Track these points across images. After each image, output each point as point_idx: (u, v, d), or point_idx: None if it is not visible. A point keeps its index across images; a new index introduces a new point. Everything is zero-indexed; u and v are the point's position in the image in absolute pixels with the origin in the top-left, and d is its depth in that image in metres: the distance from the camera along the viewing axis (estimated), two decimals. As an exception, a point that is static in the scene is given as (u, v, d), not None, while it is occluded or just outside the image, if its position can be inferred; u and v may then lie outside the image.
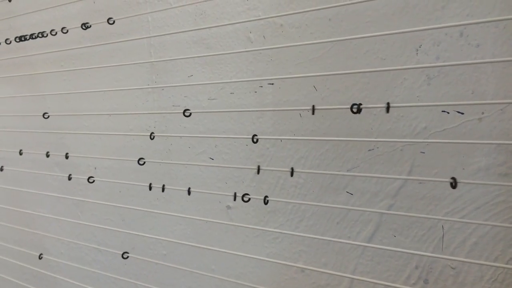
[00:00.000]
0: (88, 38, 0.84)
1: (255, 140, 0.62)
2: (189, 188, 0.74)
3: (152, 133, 0.75)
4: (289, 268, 0.66)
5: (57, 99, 0.91)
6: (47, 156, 0.88)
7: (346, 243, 0.60)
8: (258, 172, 0.64)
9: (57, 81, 0.90)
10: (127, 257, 0.81)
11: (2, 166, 0.98)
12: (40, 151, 0.93)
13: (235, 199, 0.68)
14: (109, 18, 0.77)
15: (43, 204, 0.97)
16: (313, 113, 0.57)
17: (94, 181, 0.83)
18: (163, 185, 0.73)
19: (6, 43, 0.93)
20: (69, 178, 0.83)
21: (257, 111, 0.66)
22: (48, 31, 0.87)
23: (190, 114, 0.67)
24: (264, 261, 0.67)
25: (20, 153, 0.92)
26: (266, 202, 0.65)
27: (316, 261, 0.63)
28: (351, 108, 0.51)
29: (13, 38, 0.95)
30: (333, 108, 0.58)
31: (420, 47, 0.54)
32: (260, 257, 0.67)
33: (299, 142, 0.64)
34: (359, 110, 0.51)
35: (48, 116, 0.88)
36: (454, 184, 0.47)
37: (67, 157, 0.89)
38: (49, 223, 0.96)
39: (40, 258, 0.95)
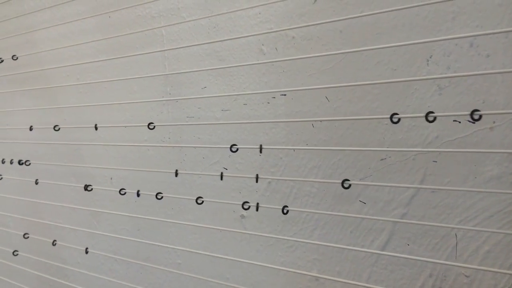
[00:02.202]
0: (103, 52, 0.87)
1: (260, 150, 0.63)
2: (197, 198, 0.76)
3: (163, 141, 0.76)
4: (303, 276, 0.66)
5: (73, 111, 0.93)
6: (65, 166, 0.90)
7: (360, 251, 0.60)
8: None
9: (73, 94, 0.93)
10: (145, 265, 0.82)
11: (19, 177, 1.00)
12: (57, 162, 0.95)
13: (245, 208, 0.69)
14: (123, 34, 0.80)
15: (60, 214, 0.99)
16: (323, 125, 0.58)
17: (109, 191, 0.85)
18: (173, 195, 0.75)
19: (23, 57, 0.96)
20: (86, 189, 0.85)
21: (270, 122, 0.68)
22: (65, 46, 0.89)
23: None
24: (278, 270, 0.68)
25: (36, 164, 0.95)
26: (285, 212, 0.65)
27: (330, 269, 0.64)
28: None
29: (30, 52, 0.98)
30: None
31: (430, 57, 0.55)
32: (274, 265, 0.68)
33: (312, 151, 0.65)
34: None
35: (59, 129, 0.90)
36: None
37: (77, 167, 0.91)
38: (66, 232, 0.98)
39: (52, 264, 0.97)
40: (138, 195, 0.79)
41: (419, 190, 0.57)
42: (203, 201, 0.72)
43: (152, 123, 0.74)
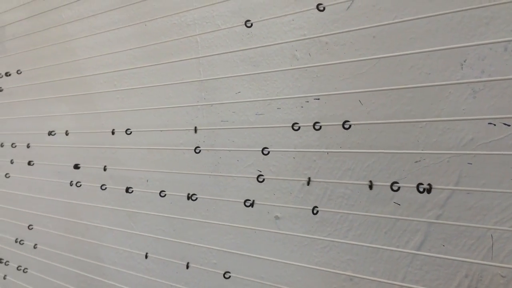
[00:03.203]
0: (139, 59, 0.90)
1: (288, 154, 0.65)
2: (222, 199, 0.78)
3: (198, 147, 0.79)
4: (337, 276, 0.68)
5: (111, 116, 0.97)
6: (104, 170, 0.94)
7: (396, 251, 0.61)
8: (308, 184, 0.67)
9: (110, 99, 0.97)
10: (188, 266, 0.85)
11: (58, 179, 1.05)
12: (94, 165, 0.99)
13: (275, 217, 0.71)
14: (159, 42, 0.83)
15: (97, 215, 1.03)
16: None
17: (146, 193, 0.88)
18: (205, 197, 0.77)
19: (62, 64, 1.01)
20: (127, 191, 0.88)
21: (304, 126, 0.69)
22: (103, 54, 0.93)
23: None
24: (313, 270, 0.70)
25: (77, 167, 0.99)
26: (315, 213, 0.67)
27: (365, 270, 0.65)
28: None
29: (68, 60, 1.03)
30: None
31: (464, 61, 0.56)
32: (308, 265, 0.69)
33: (345, 154, 0.66)
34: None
35: (99, 133, 0.94)
36: None
37: (114, 170, 0.95)
38: (104, 233, 1.02)
39: (91, 263, 1.01)
40: (172, 197, 0.82)
41: (454, 191, 0.58)
42: (251, 204, 0.74)
43: (198, 147, 0.78)
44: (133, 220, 0.96)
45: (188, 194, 0.80)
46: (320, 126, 0.64)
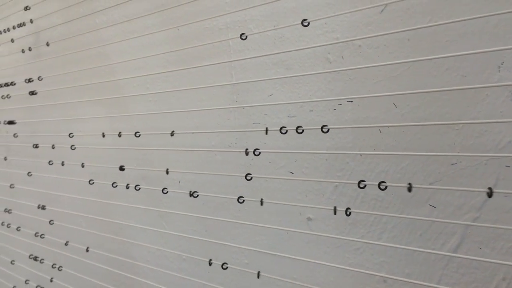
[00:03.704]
0: (172, 62, 0.92)
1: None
2: (262, 200, 0.79)
3: (251, 149, 0.80)
4: (371, 278, 0.68)
5: (143, 119, 0.99)
6: (134, 170, 0.96)
7: (432, 253, 0.62)
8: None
9: (143, 102, 0.99)
10: (211, 263, 0.87)
11: (91, 179, 1.08)
12: (128, 167, 1.01)
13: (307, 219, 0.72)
14: (191, 46, 0.85)
15: (130, 215, 1.05)
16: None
17: (178, 193, 0.90)
18: (240, 197, 0.79)
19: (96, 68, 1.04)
20: (162, 191, 0.91)
21: (336, 128, 0.70)
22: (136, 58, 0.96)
23: (286, 131, 0.72)
24: (346, 271, 0.70)
25: (122, 169, 1.02)
26: (348, 214, 0.68)
27: (399, 272, 0.66)
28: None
29: (102, 65, 1.06)
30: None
31: (502, 64, 0.56)
32: (342, 266, 0.70)
33: (379, 156, 0.66)
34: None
35: (138, 134, 0.97)
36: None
37: (146, 171, 0.97)
38: (136, 232, 1.04)
39: (124, 261, 1.04)
40: (202, 197, 0.84)
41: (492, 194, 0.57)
42: (264, 203, 0.76)
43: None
44: (165, 220, 0.98)
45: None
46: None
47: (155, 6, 0.92)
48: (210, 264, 0.87)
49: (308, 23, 0.70)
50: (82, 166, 1.11)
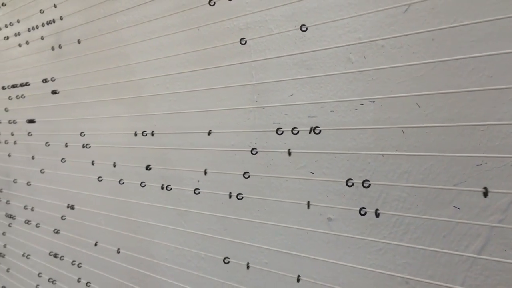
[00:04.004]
0: (192, 62, 0.93)
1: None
2: (281, 200, 0.79)
3: (254, 148, 0.81)
4: (393, 279, 0.68)
5: (163, 118, 1.00)
6: (154, 169, 0.97)
7: (456, 254, 0.61)
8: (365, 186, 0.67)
9: (163, 102, 1.00)
10: (228, 262, 0.87)
11: (112, 178, 1.09)
12: (148, 165, 1.02)
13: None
14: (211, 47, 0.85)
15: (149, 213, 1.06)
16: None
17: (199, 192, 0.91)
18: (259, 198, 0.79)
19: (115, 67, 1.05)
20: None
21: (357, 129, 0.70)
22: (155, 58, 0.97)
23: (298, 131, 0.72)
24: (367, 272, 0.70)
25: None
26: (363, 214, 0.68)
27: (422, 273, 0.65)
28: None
29: (122, 64, 1.07)
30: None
31: (529, 64, 0.55)
32: (363, 266, 0.70)
33: (402, 157, 0.66)
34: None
35: (152, 134, 0.97)
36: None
37: (165, 170, 0.98)
38: (155, 231, 1.05)
39: (142, 260, 1.05)
40: (230, 196, 0.84)
41: (518, 196, 0.57)
42: (283, 203, 0.76)
43: (255, 148, 0.80)
44: (184, 219, 0.99)
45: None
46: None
47: (175, 6, 0.92)
48: (227, 263, 0.88)
49: (306, 28, 0.71)
50: (103, 164, 1.13)
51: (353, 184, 0.67)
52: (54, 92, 1.22)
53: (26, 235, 1.48)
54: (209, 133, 0.86)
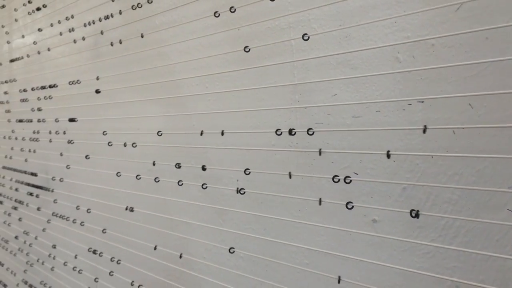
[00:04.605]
0: (232, 62, 0.93)
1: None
2: (320, 199, 0.79)
3: (295, 148, 0.80)
4: (442, 283, 0.66)
5: (202, 118, 1.01)
6: (192, 168, 0.98)
7: (510, 259, 0.59)
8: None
9: (202, 101, 1.01)
10: (267, 261, 0.87)
11: (149, 176, 1.11)
12: (185, 165, 1.03)
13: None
14: (245, 47, 0.85)
15: (187, 211, 1.07)
16: None
17: (244, 192, 0.91)
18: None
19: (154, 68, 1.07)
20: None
21: (406, 129, 0.69)
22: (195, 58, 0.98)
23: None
24: (414, 275, 0.69)
25: (176, 166, 1.04)
26: (413, 216, 0.66)
27: (473, 278, 0.64)
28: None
29: (161, 65, 1.08)
30: None
31: None
32: (410, 269, 0.69)
33: (452, 158, 0.65)
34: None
35: (202, 133, 0.98)
36: None
37: (204, 169, 0.99)
38: (193, 229, 1.06)
39: (180, 257, 1.06)
40: (269, 196, 0.84)
41: None
42: (323, 203, 0.75)
43: (296, 148, 0.79)
44: (222, 218, 0.99)
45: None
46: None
47: (215, 7, 0.93)
48: (270, 263, 0.88)
49: (308, 37, 0.71)
50: (140, 163, 1.15)
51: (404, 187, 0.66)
52: (97, 92, 1.25)
53: (69, 233, 1.52)
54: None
